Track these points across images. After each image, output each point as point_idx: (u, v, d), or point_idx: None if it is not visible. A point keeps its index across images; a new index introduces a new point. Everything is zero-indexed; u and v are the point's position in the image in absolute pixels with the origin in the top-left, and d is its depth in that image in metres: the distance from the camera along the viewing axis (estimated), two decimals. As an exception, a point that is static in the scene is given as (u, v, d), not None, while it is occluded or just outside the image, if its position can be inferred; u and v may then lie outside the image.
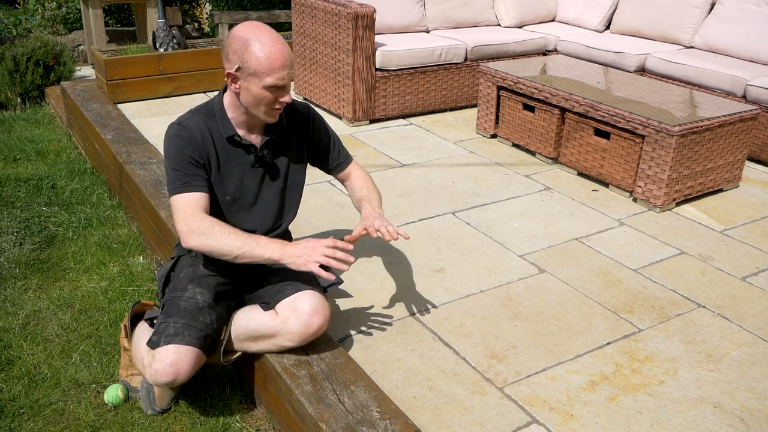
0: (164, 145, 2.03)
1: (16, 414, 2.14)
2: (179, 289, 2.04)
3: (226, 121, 2.04)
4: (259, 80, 1.90)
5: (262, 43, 1.87)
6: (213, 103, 2.07)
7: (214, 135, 2.03)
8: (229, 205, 2.11)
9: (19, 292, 2.80)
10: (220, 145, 2.04)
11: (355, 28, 4.09)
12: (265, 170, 2.13)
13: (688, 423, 1.91)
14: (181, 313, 1.97)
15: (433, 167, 3.68)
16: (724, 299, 2.53)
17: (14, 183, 3.80)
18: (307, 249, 1.92)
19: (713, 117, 3.24)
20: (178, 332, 1.92)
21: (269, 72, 1.89)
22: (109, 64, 4.50)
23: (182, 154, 1.98)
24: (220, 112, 2.04)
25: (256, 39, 1.88)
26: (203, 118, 2.04)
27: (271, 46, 1.88)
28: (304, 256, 1.91)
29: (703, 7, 4.56)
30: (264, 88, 1.91)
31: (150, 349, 1.95)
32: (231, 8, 8.25)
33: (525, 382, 2.05)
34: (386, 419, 1.80)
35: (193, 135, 2.00)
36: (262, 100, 1.94)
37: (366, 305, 2.41)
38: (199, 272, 2.07)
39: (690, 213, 3.24)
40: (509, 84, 3.92)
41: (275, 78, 1.90)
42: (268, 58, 1.87)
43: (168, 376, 1.89)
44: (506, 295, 2.50)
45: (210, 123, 2.03)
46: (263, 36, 1.89)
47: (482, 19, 5.14)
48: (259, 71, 1.88)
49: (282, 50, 1.89)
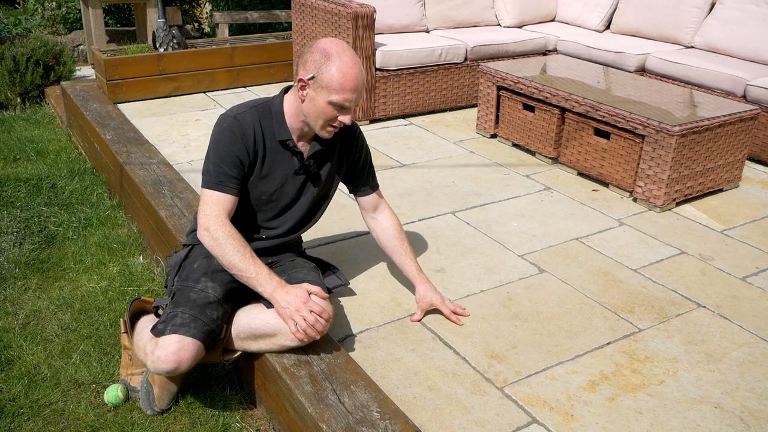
0: (214, 133, 2.06)
1: (16, 414, 2.14)
2: (192, 279, 2.06)
3: (283, 124, 2.08)
4: (327, 94, 1.95)
5: (342, 61, 1.94)
6: (272, 104, 2.10)
7: (266, 135, 2.07)
8: (263, 203, 2.16)
9: (19, 292, 2.80)
10: (269, 146, 2.09)
11: (355, 28, 4.09)
12: (307, 178, 2.18)
13: (688, 423, 1.91)
14: (191, 304, 1.98)
15: (433, 167, 3.68)
16: (724, 299, 2.53)
17: (14, 183, 3.80)
18: (297, 302, 1.95)
19: (713, 117, 3.24)
20: (185, 323, 1.93)
21: (339, 90, 1.95)
22: (109, 64, 4.50)
23: (229, 151, 2.02)
24: (279, 114, 2.08)
25: (338, 56, 1.94)
26: (258, 115, 2.07)
27: (350, 67, 1.95)
28: (289, 309, 1.94)
29: (703, 7, 4.56)
30: (329, 103, 1.97)
31: (154, 336, 1.95)
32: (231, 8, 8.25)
33: (525, 382, 2.05)
34: (386, 419, 1.80)
35: (245, 132, 2.04)
36: (323, 114, 2.00)
37: (366, 305, 2.41)
38: (214, 266, 2.08)
39: (690, 213, 3.24)
40: (509, 84, 3.92)
41: (342, 97, 1.96)
42: (343, 76, 1.93)
43: (170, 363, 1.90)
44: (506, 295, 2.50)
45: (264, 122, 2.07)
46: (345, 55, 1.95)
47: (482, 19, 5.14)
48: (331, 86, 1.94)
49: (358, 75, 1.96)
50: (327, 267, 2.36)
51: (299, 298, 1.95)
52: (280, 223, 2.22)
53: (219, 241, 1.97)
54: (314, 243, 2.81)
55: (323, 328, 1.97)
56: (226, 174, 2.02)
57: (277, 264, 2.23)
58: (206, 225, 2.00)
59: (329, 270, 2.35)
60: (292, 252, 2.33)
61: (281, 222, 2.21)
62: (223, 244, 1.97)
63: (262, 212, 2.17)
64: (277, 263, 2.23)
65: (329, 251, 2.75)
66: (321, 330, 1.96)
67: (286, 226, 2.22)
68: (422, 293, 2.34)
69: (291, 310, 1.94)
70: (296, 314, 1.94)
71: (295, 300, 1.95)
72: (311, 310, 1.95)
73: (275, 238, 2.23)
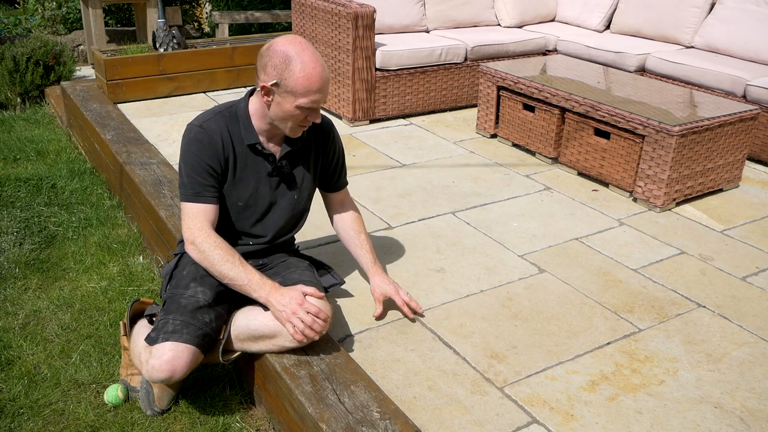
0: (182, 144, 2.03)
1: (16, 414, 2.14)
2: (181, 286, 2.05)
3: (250, 128, 2.04)
4: (294, 99, 1.91)
5: (303, 62, 1.88)
6: (238, 108, 2.06)
7: (234, 139, 2.04)
8: (241, 210, 2.13)
9: (19, 292, 2.80)
10: (239, 151, 2.05)
11: (355, 28, 4.09)
12: (281, 180, 2.14)
13: (688, 423, 1.91)
14: (181, 310, 1.97)
15: (433, 167, 3.68)
16: (724, 299, 2.53)
17: (14, 183, 3.80)
18: (293, 304, 1.94)
19: (713, 117, 3.24)
20: (177, 329, 1.93)
21: (305, 93, 1.90)
22: (109, 64, 4.50)
23: (200, 160, 1.99)
24: (245, 118, 2.05)
25: (299, 57, 1.88)
26: (225, 121, 2.04)
27: (312, 67, 1.89)
28: (286, 312, 1.93)
29: (703, 7, 4.56)
30: (296, 107, 1.92)
31: (147, 345, 1.95)
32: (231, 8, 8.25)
33: (525, 382, 2.05)
34: (386, 419, 1.80)
35: (213, 139, 2.00)
36: (291, 117, 1.96)
37: (366, 305, 2.41)
38: (202, 271, 2.07)
39: (690, 213, 3.24)
40: (509, 84, 3.92)
41: (310, 100, 1.92)
42: (307, 78, 1.88)
43: (164, 372, 1.89)
44: (506, 295, 2.50)
45: (232, 127, 2.04)
46: (305, 55, 1.89)
47: (482, 19, 5.14)
48: (296, 91, 1.89)
49: (321, 73, 1.90)
50: (321, 266, 2.34)
51: (294, 300, 1.94)
52: (264, 229, 2.19)
53: (206, 253, 1.97)
54: (314, 243, 2.81)
55: (321, 329, 1.96)
56: (201, 184, 2.00)
57: (268, 266, 2.22)
58: (191, 239, 1.98)
59: (323, 269, 2.33)
60: (284, 252, 2.31)
61: (265, 228, 2.18)
62: (211, 255, 1.96)
63: (242, 219, 2.14)
64: (268, 265, 2.22)
65: (329, 251, 2.75)
66: (319, 330, 1.96)
67: (271, 232, 2.19)
68: (376, 283, 2.33)
69: (287, 313, 1.93)
70: (293, 317, 1.93)
71: (290, 303, 1.94)
72: (308, 311, 1.94)
73: (262, 244, 2.21)
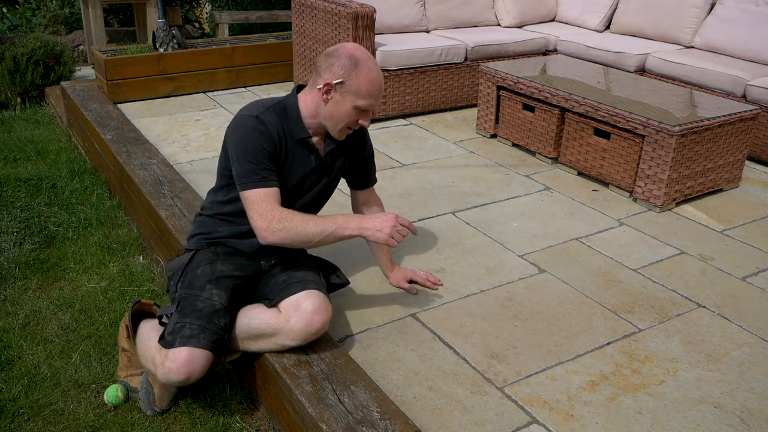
0: (238, 134, 2.06)
1: (16, 414, 2.14)
2: (196, 287, 2.05)
3: (300, 123, 2.11)
4: (354, 99, 2.02)
5: (370, 68, 2.02)
6: (287, 103, 2.13)
7: (286, 133, 2.10)
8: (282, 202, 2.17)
9: (19, 292, 2.80)
10: (290, 144, 2.12)
11: (355, 28, 4.09)
12: (322, 174, 2.23)
13: (688, 423, 1.91)
14: (198, 314, 1.98)
15: (433, 167, 3.68)
16: (724, 299, 2.53)
17: (14, 183, 3.80)
18: (387, 223, 2.02)
19: (713, 117, 3.24)
20: (194, 334, 1.94)
21: (366, 96, 2.02)
22: (109, 64, 4.50)
23: (261, 147, 2.04)
24: (295, 114, 2.11)
25: (365, 63, 2.01)
26: (276, 115, 2.10)
27: (377, 74, 2.04)
28: (385, 230, 2.01)
29: (703, 7, 4.56)
30: (354, 107, 2.02)
31: (162, 347, 1.95)
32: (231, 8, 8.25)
33: (525, 382, 2.05)
34: (386, 419, 1.80)
35: (270, 131, 2.06)
36: (346, 117, 2.05)
37: (366, 305, 2.41)
38: (218, 272, 2.09)
39: (690, 213, 3.24)
40: (509, 84, 3.92)
41: (368, 103, 2.03)
42: (371, 83, 2.01)
43: (181, 375, 1.91)
44: (506, 295, 2.50)
45: (283, 121, 2.10)
46: (371, 62, 2.03)
47: (482, 19, 5.14)
48: (360, 92, 2.01)
49: (381, 82, 2.07)
50: (327, 267, 2.36)
51: (382, 216, 2.03)
52: None
53: (286, 228, 1.98)
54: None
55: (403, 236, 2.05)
56: (265, 169, 2.04)
57: (278, 263, 2.23)
58: (266, 224, 1.98)
59: (329, 270, 2.36)
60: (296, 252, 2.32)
61: None
62: (290, 226, 1.98)
63: None
64: (279, 262, 2.24)
65: (329, 251, 2.75)
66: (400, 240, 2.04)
67: None
68: (397, 274, 2.52)
69: (388, 230, 2.00)
70: (393, 231, 2.01)
71: (383, 221, 2.02)
72: (401, 224, 2.04)
73: None
